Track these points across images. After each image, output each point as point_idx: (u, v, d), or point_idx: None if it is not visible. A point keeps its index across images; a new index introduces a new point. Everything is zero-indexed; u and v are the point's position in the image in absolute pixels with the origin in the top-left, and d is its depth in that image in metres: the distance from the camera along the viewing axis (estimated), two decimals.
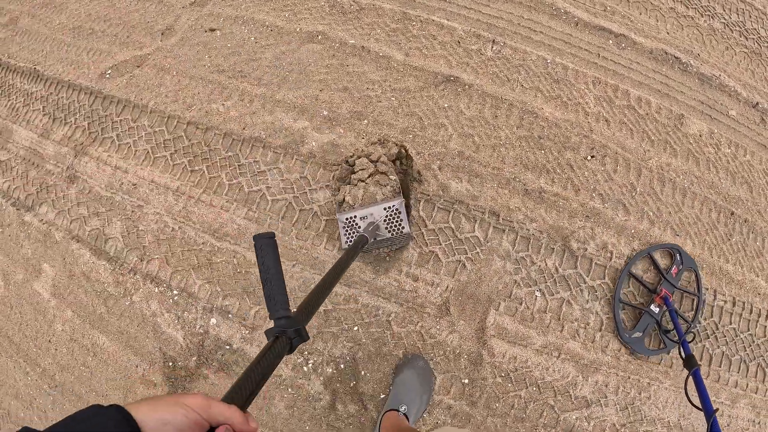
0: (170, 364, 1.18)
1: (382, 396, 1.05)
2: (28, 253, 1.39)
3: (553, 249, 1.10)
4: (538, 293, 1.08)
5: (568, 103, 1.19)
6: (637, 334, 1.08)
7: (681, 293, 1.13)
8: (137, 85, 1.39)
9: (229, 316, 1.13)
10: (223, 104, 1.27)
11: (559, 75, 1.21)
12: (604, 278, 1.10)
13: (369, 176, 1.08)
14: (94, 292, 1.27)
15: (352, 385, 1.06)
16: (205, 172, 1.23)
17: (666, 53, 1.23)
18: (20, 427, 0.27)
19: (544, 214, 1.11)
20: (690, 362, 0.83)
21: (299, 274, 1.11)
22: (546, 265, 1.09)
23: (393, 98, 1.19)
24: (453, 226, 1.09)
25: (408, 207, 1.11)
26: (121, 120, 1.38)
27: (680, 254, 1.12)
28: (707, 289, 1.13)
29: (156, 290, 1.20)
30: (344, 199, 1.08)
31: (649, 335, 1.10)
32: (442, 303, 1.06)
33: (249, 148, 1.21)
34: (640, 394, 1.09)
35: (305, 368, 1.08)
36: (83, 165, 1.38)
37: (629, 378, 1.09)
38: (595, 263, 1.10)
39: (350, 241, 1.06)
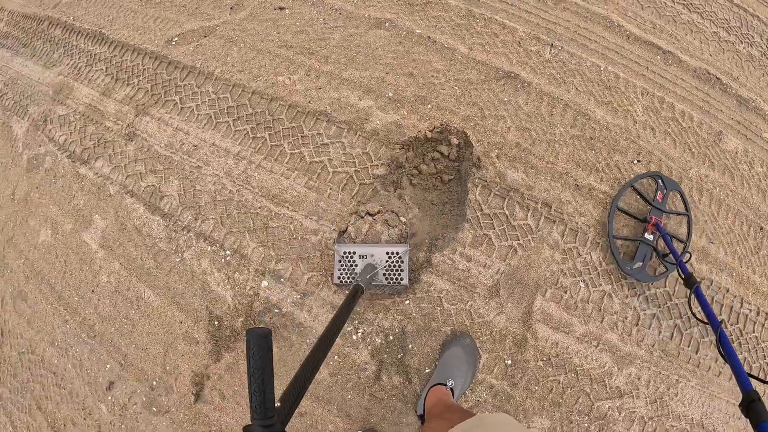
0: (216, 323, 1.16)
1: (427, 370, 1.04)
2: (80, 204, 1.36)
3: (599, 243, 1.11)
4: (582, 284, 1.09)
5: (618, 109, 1.21)
6: (638, 264, 1.08)
7: (671, 216, 1.13)
8: (203, 53, 1.39)
9: (282, 280, 1.11)
10: (289, 78, 1.27)
11: (611, 82, 1.23)
12: None
13: (378, 212, 1.00)
14: (144, 246, 1.25)
15: (399, 357, 1.04)
16: (267, 140, 1.22)
17: (708, 73, 1.27)
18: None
19: (592, 210, 1.12)
20: (690, 281, 0.80)
21: None
22: (591, 258, 1.10)
23: (456, 87, 1.20)
24: (507, 212, 1.10)
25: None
26: (185, 85, 1.37)
27: (662, 179, 1.12)
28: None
29: (208, 249, 1.18)
30: (346, 229, 1.01)
31: (649, 263, 1.10)
32: (493, 285, 1.06)
33: (313, 120, 1.21)
34: (668, 389, 1.10)
35: (354, 337, 1.06)
36: (144, 124, 1.36)
37: (660, 373, 1.09)
38: None
39: (342, 278, 0.98)
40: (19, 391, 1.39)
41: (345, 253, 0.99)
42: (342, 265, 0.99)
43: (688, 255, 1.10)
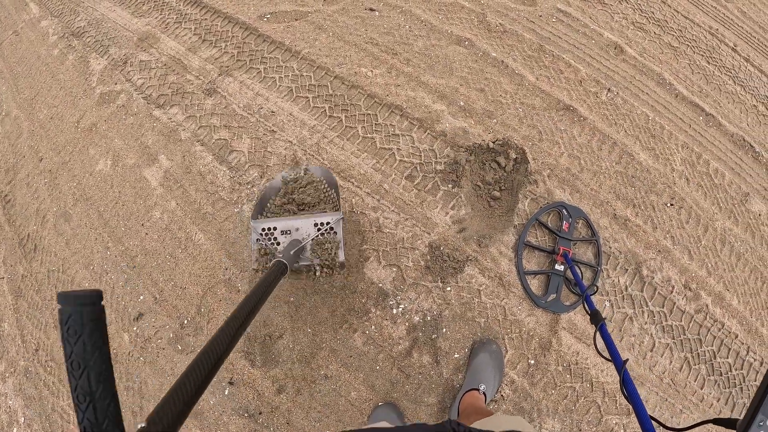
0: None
1: (456, 355, 1.21)
2: (147, 142, 1.56)
3: (627, 269, 1.32)
4: (607, 303, 1.29)
5: (659, 156, 1.46)
6: (552, 297, 1.18)
7: (580, 244, 1.25)
8: (293, 34, 1.65)
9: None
10: (371, 71, 1.51)
11: (656, 131, 1.49)
12: (663, 307, 1.32)
13: (307, 184, 0.78)
14: (205, 191, 1.44)
15: (432, 338, 1.22)
16: (343, 120, 1.45)
17: (744, 140, 1.54)
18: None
19: (625, 239, 1.34)
20: (596, 317, 0.81)
21: (410, 229, 1.30)
22: (618, 281, 1.31)
23: (520, 109, 1.45)
24: (551, 226, 1.31)
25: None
26: (270, 57, 1.62)
27: (566, 209, 1.23)
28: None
29: None
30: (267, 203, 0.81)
31: (563, 293, 1.21)
32: (527, 288, 1.25)
33: (388, 112, 1.45)
34: (671, 417, 1.27)
35: (394, 311, 1.24)
36: (225, 84, 1.59)
37: (666, 400, 1.27)
38: (658, 292, 1.32)
39: (262, 262, 0.83)
40: (39, 307, 1.52)
41: (264, 230, 0.83)
42: (261, 246, 0.83)
43: (595, 288, 1.16)
